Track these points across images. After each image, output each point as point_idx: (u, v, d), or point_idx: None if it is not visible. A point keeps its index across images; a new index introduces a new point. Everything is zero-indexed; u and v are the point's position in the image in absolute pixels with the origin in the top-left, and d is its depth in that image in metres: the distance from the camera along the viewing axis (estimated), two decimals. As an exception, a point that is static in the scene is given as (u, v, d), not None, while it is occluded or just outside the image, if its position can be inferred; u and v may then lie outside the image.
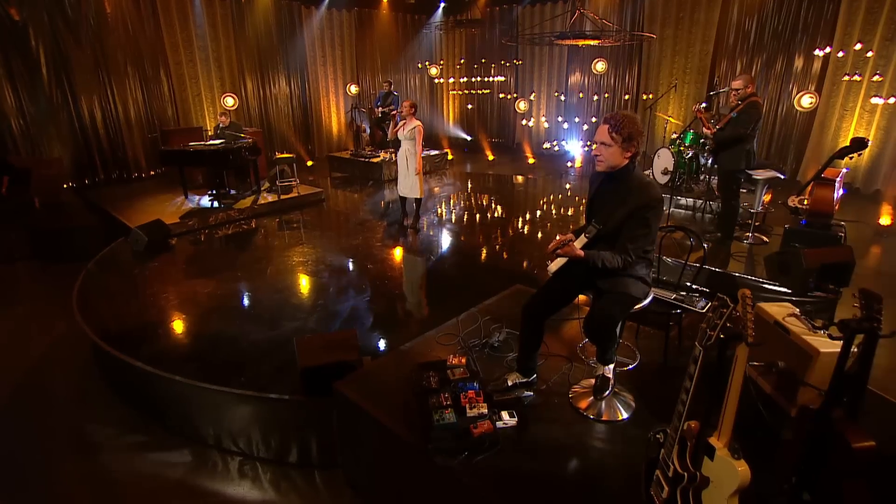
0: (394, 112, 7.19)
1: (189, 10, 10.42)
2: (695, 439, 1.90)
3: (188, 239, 7.01)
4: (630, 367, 3.34)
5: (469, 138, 15.00)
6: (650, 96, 11.31)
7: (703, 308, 3.22)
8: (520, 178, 10.84)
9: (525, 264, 5.95)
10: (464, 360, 3.30)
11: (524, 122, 13.52)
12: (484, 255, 6.31)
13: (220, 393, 3.51)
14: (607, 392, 2.87)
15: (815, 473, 1.95)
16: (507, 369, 3.27)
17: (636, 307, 2.81)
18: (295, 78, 12.37)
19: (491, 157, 12.87)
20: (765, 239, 5.72)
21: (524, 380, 3.09)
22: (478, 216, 7.97)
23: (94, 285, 5.43)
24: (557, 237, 2.70)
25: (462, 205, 8.64)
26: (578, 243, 2.74)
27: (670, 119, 9.37)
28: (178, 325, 4.68)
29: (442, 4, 13.54)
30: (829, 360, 2.49)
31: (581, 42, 8.41)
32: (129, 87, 9.85)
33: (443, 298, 5.12)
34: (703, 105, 6.09)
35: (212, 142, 8.35)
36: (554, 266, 2.86)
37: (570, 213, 8.14)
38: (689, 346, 3.55)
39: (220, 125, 8.78)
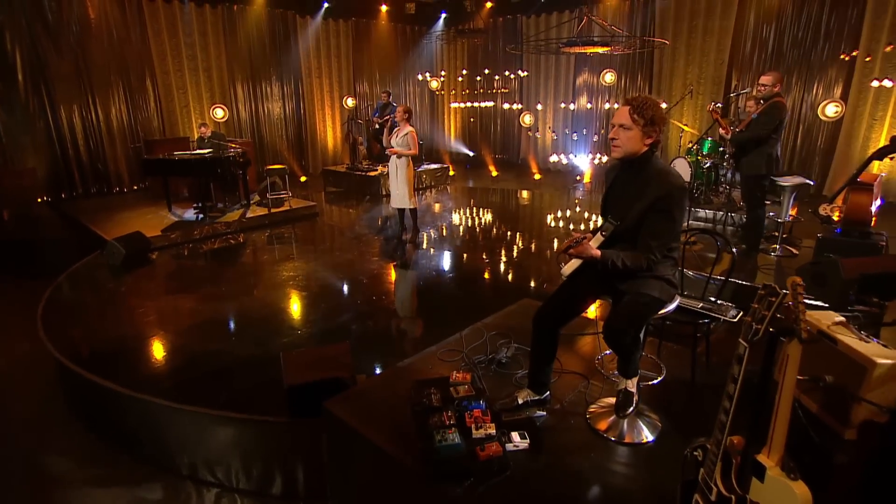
0: (387, 117, 7.13)
1: (178, 18, 10.51)
2: (741, 456, 1.73)
3: (170, 253, 6.92)
4: (655, 381, 3.16)
5: (471, 154, 15.00)
6: (664, 105, 11.30)
7: (734, 317, 3.06)
8: (525, 194, 10.79)
9: (532, 282, 5.81)
10: (468, 377, 3.15)
11: (530, 133, 13.51)
12: (488, 271, 6.21)
13: (196, 414, 3.33)
14: (631, 409, 2.70)
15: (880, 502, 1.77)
16: (517, 387, 3.10)
17: (661, 312, 2.66)
18: (289, 90, 12.43)
19: (495, 174, 12.84)
20: (794, 251, 5.58)
21: (536, 397, 2.92)
22: (481, 231, 7.92)
23: (64, 301, 5.31)
24: (573, 235, 2.56)
25: (464, 220, 8.60)
26: (594, 242, 2.59)
27: (685, 128, 9.32)
28: (153, 343, 4.53)
29: (443, 15, 13.70)
30: (887, 372, 2.32)
31: (590, 50, 8.41)
32: (113, 97, 9.86)
33: (444, 315, 5.00)
34: (719, 105, 6.01)
35: (199, 151, 8.30)
36: (567, 268, 2.71)
37: (580, 227, 8.02)
38: (718, 362, 3.39)
39: (202, 136, 8.73)
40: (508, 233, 7.81)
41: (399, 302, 5.45)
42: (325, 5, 12.20)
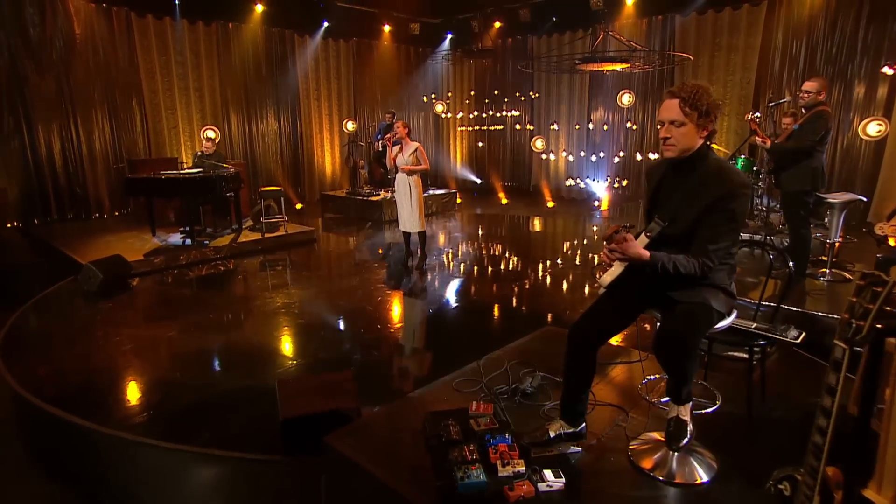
0: (388, 136, 7.10)
1: (169, 34, 10.63)
2: (842, 492, 1.53)
3: (153, 279, 6.83)
4: (710, 409, 2.95)
5: (479, 181, 14.98)
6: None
7: (796, 338, 2.87)
8: (538, 221, 10.72)
9: (550, 313, 5.62)
10: (490, 409, 2.96)
11: (544, 156, 13.49)
12: (502, 300, 6.08)
13: (175, 452, 3.14)
14: (685, 440, 2.48)
15: None
16: (546, 419, 2.90)
17: (718, 325, 2.47)
18: (285, 112, 12.49)
19: (505, 201, 12.78)
20: (847, 275, 5.40)
21: (570, 430, 2.71)
22: (493, 259, 7.84)
23: (29, 329, 5.18)
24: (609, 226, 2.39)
25: (474, 247, 8.52)
26: (638, 243, 2.43)
27: (714, 146, 9.26)
28: (128, 375, 4.34)
29: (449, 36, 13.90)
30: None
31: (608, 67, 8.44)
32: (96, 117, 9.88)
33: (457, 344, 4.85)
34: (758, 115, 5.93)
35: (188, 170, 8.28)
36: (607, 277, 2.54)
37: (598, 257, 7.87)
38: (774, 395, 3.19)
39: (204, 152, 8.71)
40: (522, 261, 7.71)
41: (407, 330, 5.31)
42: (325, 24, 12.41)
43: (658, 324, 2.53)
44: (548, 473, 2.48)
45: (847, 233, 6.10)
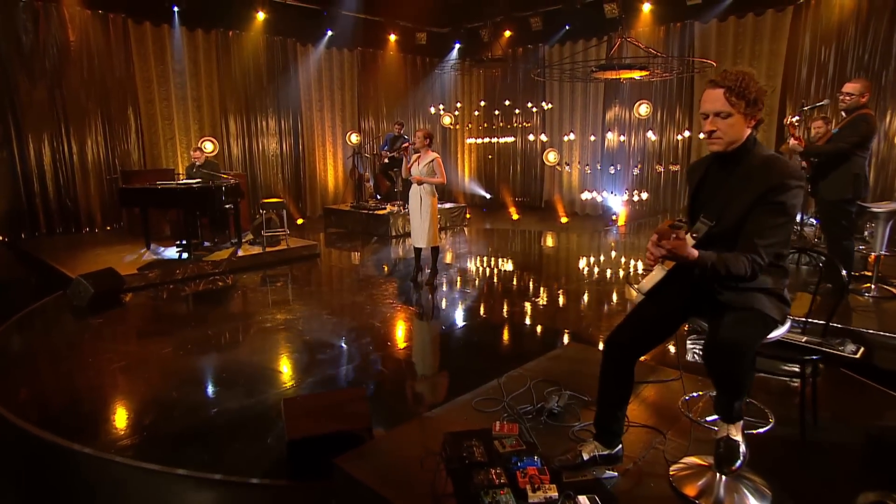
0: (406, 145, 7.08)
1: (167, 42, 10.66)
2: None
3: (146, 294, 6.76)
4: (763, 430, 2.81)
5: (488, 196, 14.93)
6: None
7: (854, 353, 2.74)
8: (551, 236, 10.66)
9: (567, 331, 5.48)
10: (515, 429, 2.85)
11: (558, 167, 13.42)
12: (516, 317, 5.96)
13: (170, 476, 3.01)
14: (738, 463, 2.34)
15: None
16: (577, 441, 2.77)
17: (771, 335, 2.35)
18: (287, 124, 12.48)
19: (515, 217, 12.70)
20: (893, 290, 5.25)
21: (606, 452, 2.57)
22: (505, 276, 7.76)
23: (14, 345, 5.10)
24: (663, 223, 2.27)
25: (485, 264, 8.44)
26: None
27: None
28: (120, 393, 4.24)
29: (457, 45, 13.91)
30: None
31: (625, 75, 8.40)
32: (89, 127, 9.89)
33: (471, 362, 4.74)
34: (797, 118, 5.82)
35: (187, 181, 8.26)
36: (647, 282, 2.42)
37: (618, 274, 7.75)
38: (827, 416, 3.05)
39: (195, 162, 8.65)
40: (536, 278, 7.63)
41: (419, 348, 5.21)
42: (329, 33, 12.43)
43: (706, 333, 2.40)
44: (583, 500, 2.36)
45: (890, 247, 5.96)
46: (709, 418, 2.74)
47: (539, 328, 5.69)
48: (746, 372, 2.27)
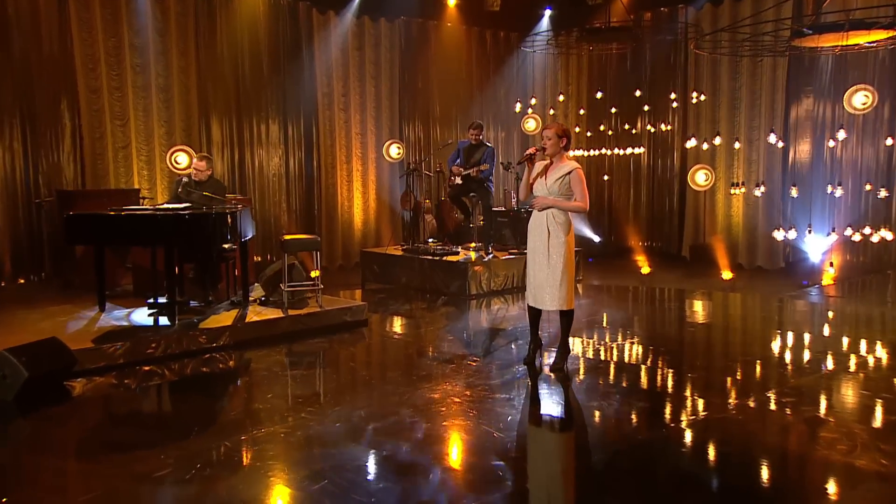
0: (531, 152, 5.08)
1: (122, 9, 8.23)
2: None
3: (107, 382, 5.23)
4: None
5: (597, 239, 11.50)
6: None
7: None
8: (717, 302, 8.14)
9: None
10: None
11: (736, 190, 9.63)
12: (723, 431, 4.04)
13: None
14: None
15: None
16: None
17: None
18: (295, 129, 9.75)
19: (646, 270, 9.81)
20: None
21: None
22: (668, 360, 5.84)
23: None
24: None
25: (626, 339, 6.50)
26: None
27: None
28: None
29: (547, 12, 10.89)
30: None
31: (854, 39, 5.75)
32: (1, 130, 7.55)
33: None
34: None
35: (168, 205, 6.41)
36: None
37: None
38: None
39: (192, 177, 6.62)
40: (727, 365, 5.75)
41: (556, 470, 3.90)
42: (360, -4, 9.67)
43: None
44: None
45: None
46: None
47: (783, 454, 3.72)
48: None
